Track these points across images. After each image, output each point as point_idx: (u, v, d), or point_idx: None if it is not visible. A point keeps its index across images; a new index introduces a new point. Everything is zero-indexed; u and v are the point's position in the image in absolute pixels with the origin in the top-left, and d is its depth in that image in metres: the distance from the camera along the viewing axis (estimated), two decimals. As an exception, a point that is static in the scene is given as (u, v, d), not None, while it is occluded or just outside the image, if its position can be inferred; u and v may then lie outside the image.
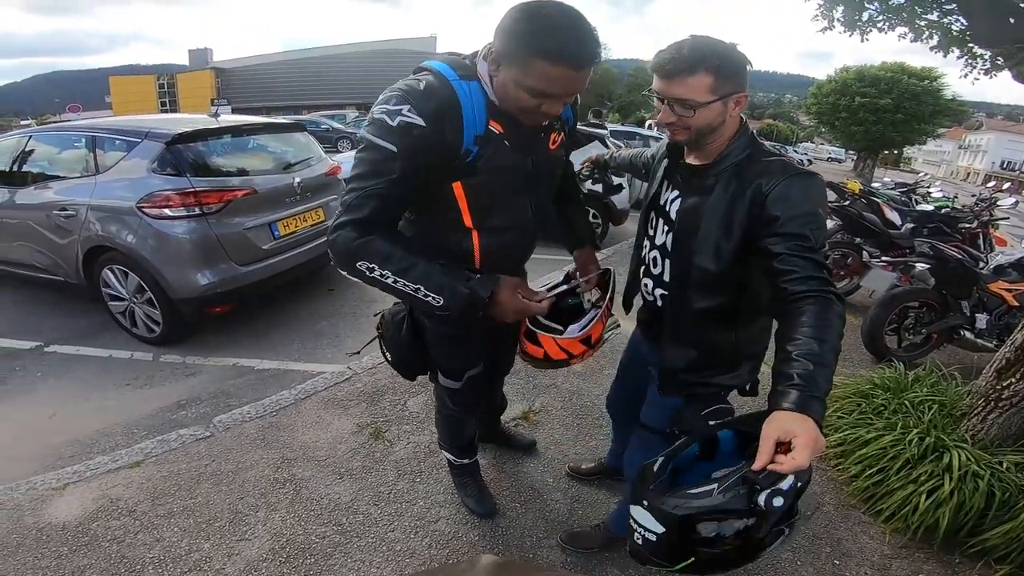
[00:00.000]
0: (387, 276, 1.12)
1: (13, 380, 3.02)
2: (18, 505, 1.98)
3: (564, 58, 1.00)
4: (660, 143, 1.43)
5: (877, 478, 2.12)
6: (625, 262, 5.37)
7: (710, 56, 1.07)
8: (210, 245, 3.09)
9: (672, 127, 1.17)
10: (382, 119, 1.07)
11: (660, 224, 1.33)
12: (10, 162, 3.78)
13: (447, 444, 1.96)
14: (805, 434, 0.82)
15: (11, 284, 4.26)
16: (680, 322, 1.31)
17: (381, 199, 1.10)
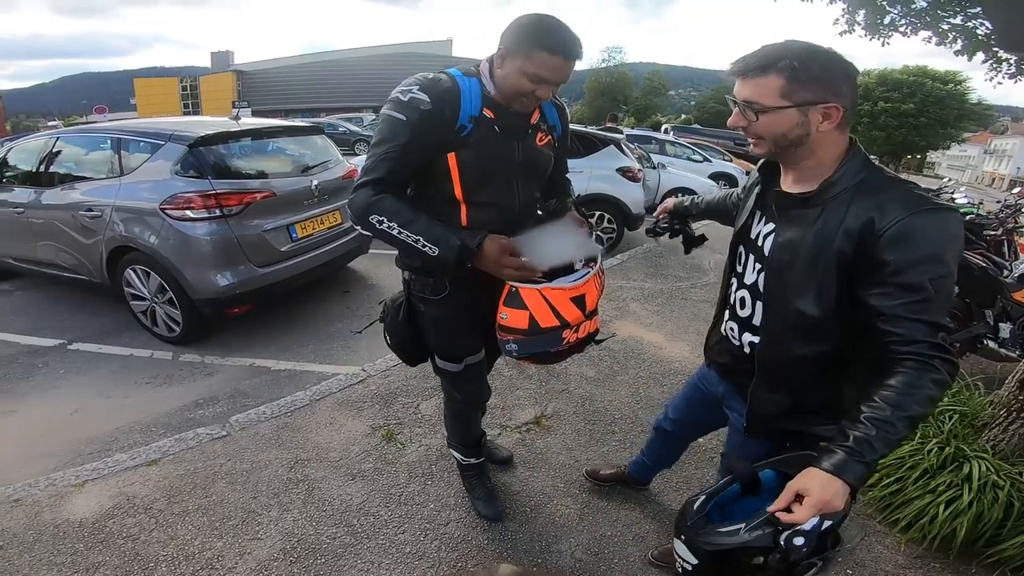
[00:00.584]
0: (393, 228, 1.31)
1: (37, 377, 3.10)
2: (37, 501, 2.01)
3: (560, 50, 1.26)
4: (752, 174, 1.29)
5: (894, 487, 2.09)
6: (640, 268, 5.40)
7: (786, 57, 0.96)
8: (230, 246, 3.14)
9: (747, 134, 1.07)
10: (397, 97, 1.32)
11: (750, 260, 1.20)
12: (37, 162, 3.88)
13: (455, 441, 1.99)
14: (818, 495, 0.86)
15: (36, 283, 4.39)
16: (774, 370, 1.16)
17: (393, 161, 1.32)
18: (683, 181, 8.93)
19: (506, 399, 2.74)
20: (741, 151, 16.39)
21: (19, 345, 3.47)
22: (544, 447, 2.41)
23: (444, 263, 1.32)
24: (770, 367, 1.17)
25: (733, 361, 1.31)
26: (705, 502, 1.04)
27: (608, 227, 5.89)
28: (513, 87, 1.32)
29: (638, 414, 2.70)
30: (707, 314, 4.00)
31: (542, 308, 1.31)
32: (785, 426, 1.19)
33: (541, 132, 1.51)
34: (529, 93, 1.31)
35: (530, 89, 1.30)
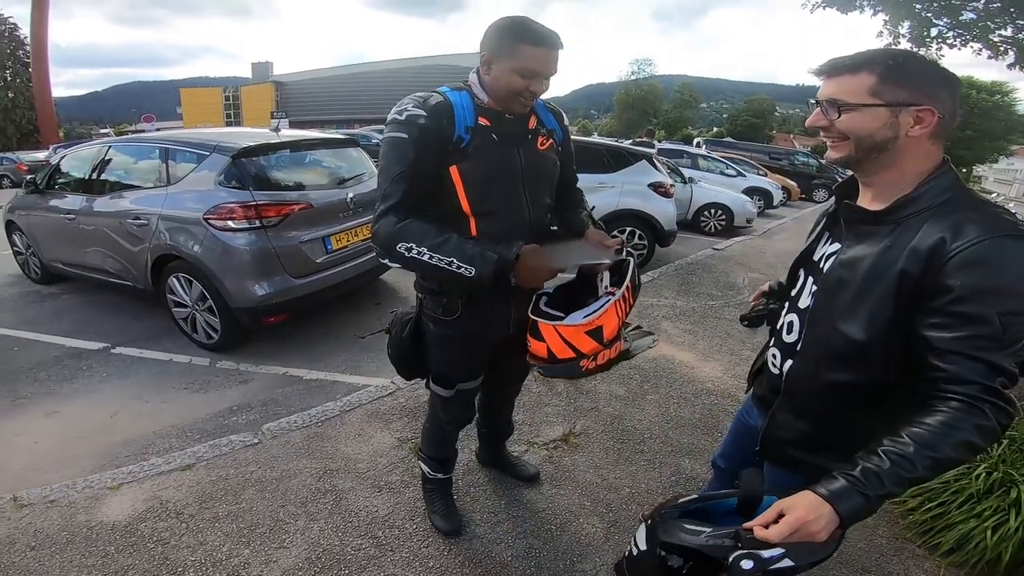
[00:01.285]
0: (424, 253, 1.30)
1: (80, 379, 3.21)
2: (73, 503, 2.06)
3: (544, 41, 1.29)
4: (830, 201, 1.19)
5: (937, 511, 2.03)
6: (672, 285, 5.33)
7: (883, 58, 0.90)
8: (268, 257, 3.21)
9: (827, 136, 0.98)
10: (394, 118, 1.35)
11: (808, 283, 1.11)
12: (90, 170, 4.05)
13: (427, 454, 1.96)
14: (799, 515, 0.80)
15: (82, 287, 4.57)
16: (801, 394, 1.08)
17: (407, 180, 1.33)
18: (716, 197, 8.80)
19: (534, 416, 2.71)
20: (776, 166, 16.09)
21: (64, 347, 3.61)
22: (571, 465, 2.38)
23: (481, 281, 1.30)
24: (797, 390, 1.09)
25: (770, 393, 1.21)
26: (693, 501, 1.01)
27: (639, 243, 5.83)
28: (506, 87, 1.33)
29: (668, 434, 2.64)
30: (741, 334, 3.90)
31: (557, 342, 1.34)
32: (798, 455, 1.11)
33: (541, 136, 1.51)
34: (523, 89, 1.32)
35: (523, 85, 1.32)
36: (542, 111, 1.54)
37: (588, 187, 6.34)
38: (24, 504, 2.03)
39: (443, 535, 1.95)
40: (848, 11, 8.54)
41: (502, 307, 1.57)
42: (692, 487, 2.26)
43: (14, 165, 17.40)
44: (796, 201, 14.43)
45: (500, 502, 2.13)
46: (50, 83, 26.94)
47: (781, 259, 6.64)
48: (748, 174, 12.01)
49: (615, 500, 2.18)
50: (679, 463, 2.43)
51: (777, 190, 12.22)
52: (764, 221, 10.06)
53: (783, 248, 7.41)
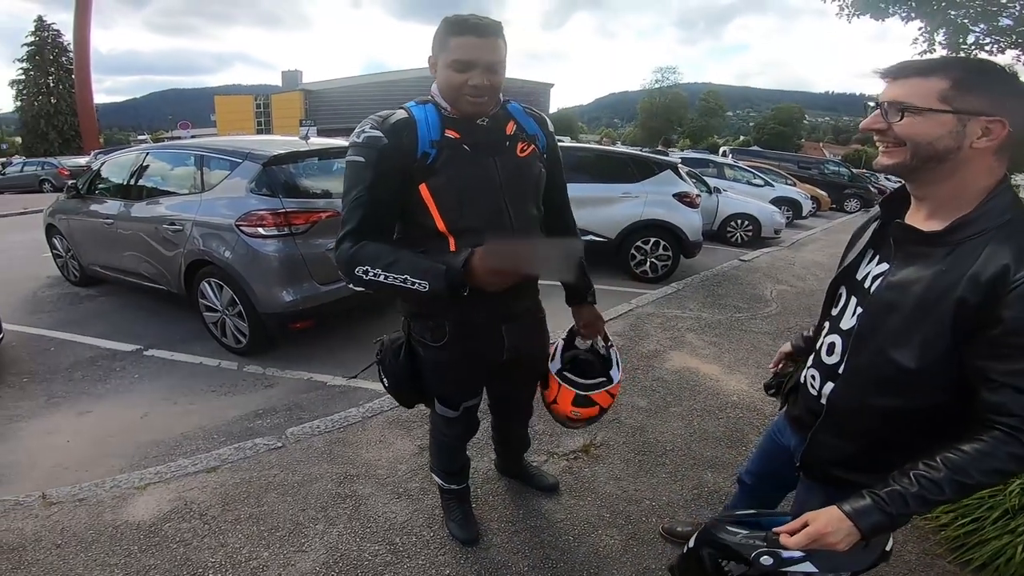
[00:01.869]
0: (379, 274, 1.25)
1: (113, 380, 3.31)
2: (100, 502, 2.10)
3: (468, 30, 1.24)
4: (874, 208, 1.15)
5: (970, 527, 1.98)
6: (697, 297, 5.28)
7: (960, 63, 0.88)
8: (296, 264, 3.26)
9: (881, 140, 0.93)
10: (353, 141, 1.31)
11: (851, 303, 1.06)
12: (128, 176, 4.19)
13: (438, 469, 1.96)
14: (819, 527, 0.87)
15: (117, 289, 4.73)
16: (844, 417, 1.05)
17: (364, 206, 1.29)
18: (742, 207, 8.67)
19: (555, 426, 2.67)
20: (806, 175, 15.76)
21: (99, 348, 3.73)
22: (591, 476, 2.35)
23: (439, 295, 1.22)
24: (840, 413, 1.05)
25: (807, 415, 1.17)
26: (749, 514, 1.08)
27: (663, 254, 5.76)
28: (447, 84, 1.29)
29: (691, 447, 2.59)
30: (768, 347, 3.82)
31: (606, 398, 1.63)
32: (841, 474, 1.08)
33: (521, 142, 1.43)
34: (463, 84, 1.27)
35: (462, 80, 1.26)
36: (521, 116, 1.46)
37: (612, 197, 6.30)
38: (53, 502, 2.09)
39: (460, 543, 1.94)
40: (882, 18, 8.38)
41: (494, 332, 1.52)
42: (715, 501, 2.21)
43: (56, 170, 17.97)
44: (826, 211, 14.11)
45: (518, 511, 2.12)
46: (92, 89, 27.97)
47: (810, 271, 6.49)
48: (776, 184, 11.79)
49: (635, 512, 2.15)
50: (702, 476, 2.38)
51: (806, 200, 11.97)
52: (793, 232, 9.86)
53: (812, 260, 7.24)
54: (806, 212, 11.80)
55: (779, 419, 1.41)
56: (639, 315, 4.38)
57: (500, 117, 1.40)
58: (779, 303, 4.97)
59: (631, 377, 3.26)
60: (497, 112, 1.40)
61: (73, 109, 34.61)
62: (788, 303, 5.00)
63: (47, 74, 40.96)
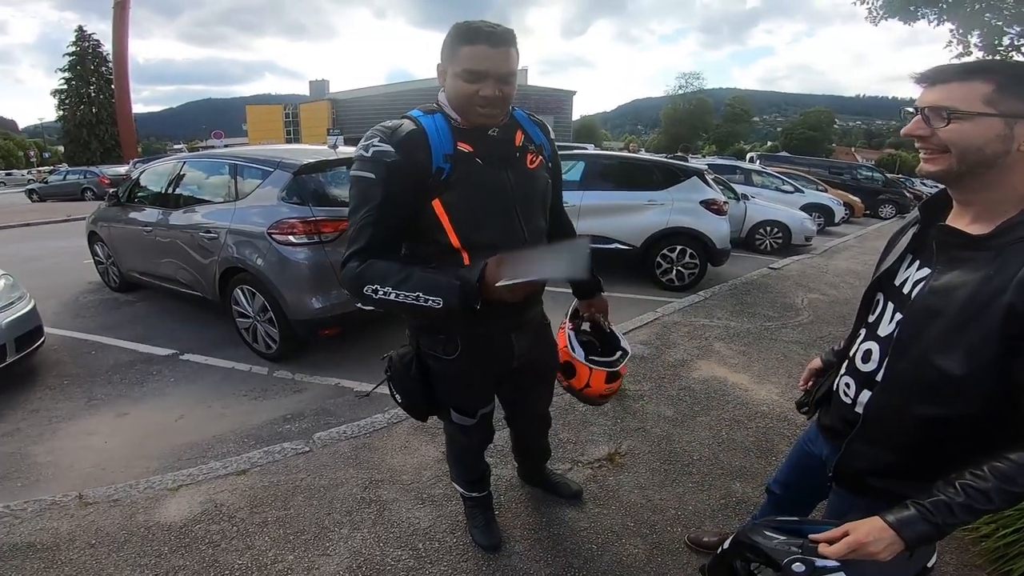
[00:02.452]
0: (390, 293, 1.21)
1: (151, 383, 3.42)
2: (134, 502, 2.16)
3: (481, 39, 1.18)
4: (912, 213, 1.12)
5: (1010, 539, 1.92)
6: (725, 305, 5.19)
7: (1001, 66, 0.86)
8: (324, 271, 3.31)
9: (924, 146, 0.91)
10: (360, 154, 1.25)
11: (889, 309, 1.04)
12: (166, 184, 4.33)
13: (458, 478, 1.96)
14: (859, 536, 0.87)
15: (154, 295, 4.89)
16: (882, 426, 1.02)
17: (373, 226, 1.24)
18: (771, 214, 8.50)
19: (579, 434, 2.67)
20: (838, 181, 15.37)
21: (137, 352, 3.85)
22: (616, 484, 2.32)
23: (453, 312, 1.19)
24: (878, 422, 1.02)
25: (841, 423, 1.14)
26: (790, 521, 1.06)
27: (690, 262, 5.68)
28: (456, 95, 1.25)
29: (719, 456, 2.54)
30: (799, 356, 3.73)
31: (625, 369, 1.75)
32: (877, 484, 1.05)
33: (531, 154, 1.40)
34: (473, 94, 1.21)
35: (472, 90, 1.21)
36: (527, 124, 1.43)
37: (637, 205, 6.27)
38: (89, 502, 2.15)
39: (483, 550, 1.94)
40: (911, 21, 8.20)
41: (504, 341, 1.51)
42: (743, 511, 2.17)
43: (97, 178, 18.63)
44: (860, 218, 13.71)
45: (541, 519, 2.10)
46: (131, 99, 28.87)
47: (844, 279, 6.31)
48: (806, 190, 11.53)
49: (659, 522, 2.11)
50: (730, 486, 2.33)
51: (839, 206, 11.67)
52: (825, 239, 9.62)
53: (846, 267, 7.05)
54: (839, 219, 11.50)
55: (810, 428, 1.38)
56: (665, 324, 4.33)
57: (508, 127, 1.37)
58: (811, 312, 4.84)
59: (657, 386, 3.22)
60: (506, 122, 1.36)
61: (113, 118, 35.48)
62: (821, 312, 4.87)
63: (88, 84, 42.20)
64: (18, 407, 3.11)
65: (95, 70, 42.31)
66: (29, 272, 5.79)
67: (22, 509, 2.11)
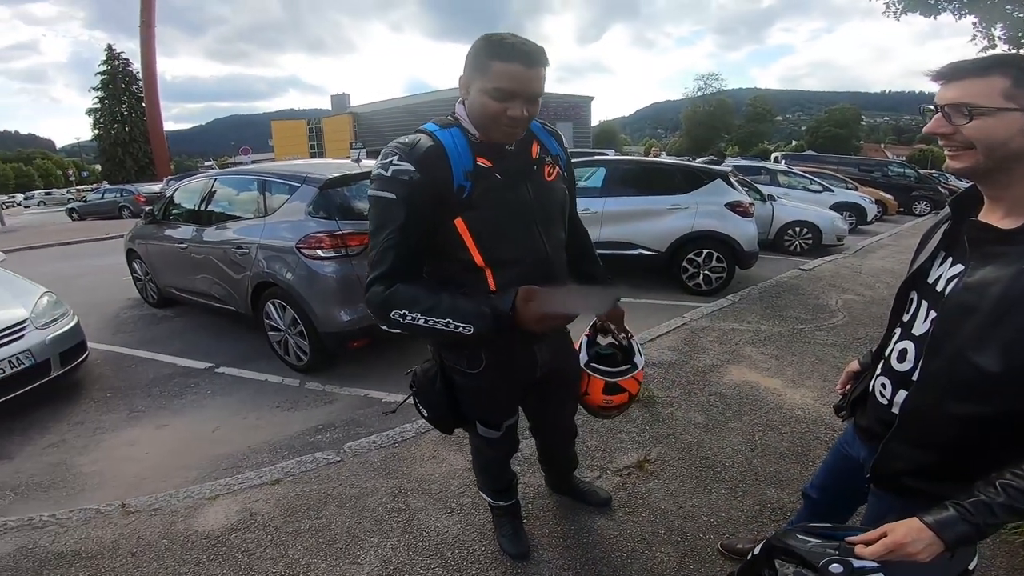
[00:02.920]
0: (418, 318, 1.19)
1: (189, 395, 3.52)
2: (174, 511, 2.22)
3: (516, 57, 1.13)
4: (944, 210, 1.11)
5: None
6: (755, 309, 5.09)
7: (1014, 60, 0.86)
8: (352, 284, 3.35)
9: (948, 144, 0.91)
10: (379, 173, 1.21)
11: (923, 308, 1.03)
12: (198, 201, 4.47)
13: (485, 488, 1.96)
14: (898, 538, 0.87)
15: (190, 310, 5.04)
16: (919, 425, 1.01)
17: (396, 248, 1.20)
18: (800, 214, 8.33)
19: (607, 442, 2.64)
20: (868, 178, 14.96)
21: (176, 366, 3.98)
22: (646, 492, 2.29)
23: (482, 338, 1.19)
24: (915, 422, 1.01)
25: (877, 424, 1.12)
26: (824, 527, 1.05)
27: (717, 266, 5.59)
28: (482, 113, 1.20)
29: (752, 462, 2.48)
30: (835, 359, 3.63)
31: (634, 384, 1.67)
32: (915, 484, 1.04)
33: (547, 165, 1.38)
34: (500, 114, 1.17)
35: (499, 109, 1.16)
36: (542, 134, 1.41)
37: (660, 210, 6.21)
38: (131, 511, 2.22)
39: (511, 558, 1.93)
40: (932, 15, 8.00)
41: (526, 352, 1.50)
42: (779, 517, 2.11)
43: (133, 196, 19.10)
44: (893, 215, 13.33)
45: (570, 527, 2.09)
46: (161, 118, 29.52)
47: (879, 278, 6.12)
48: (836, 189, 11.25)
49: (691, 529, 2.08)
50: (764, 492, 2.28)
51: (871, 204, 11.34)
52: (857, 238, 9.35)
53: (881, 267, 6.84)
54: (871, 217, 11.18)
55: (847, 431, 1.36)
56: (693, 329, 4.26)
57: (524, 139, 1.33)
58: (846, 313, 4.71)
59: (686, 392, 3.17)
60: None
61: (146, 136, 36.38)
62: (856, 313, 4.73)
63: (120, 102, 43.31)
64: (64, 419, 3.24)
65: (126, 88, 43.39)
66: (72, 289, 6.05)
67: (68, 518, 2.19)
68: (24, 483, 2.62)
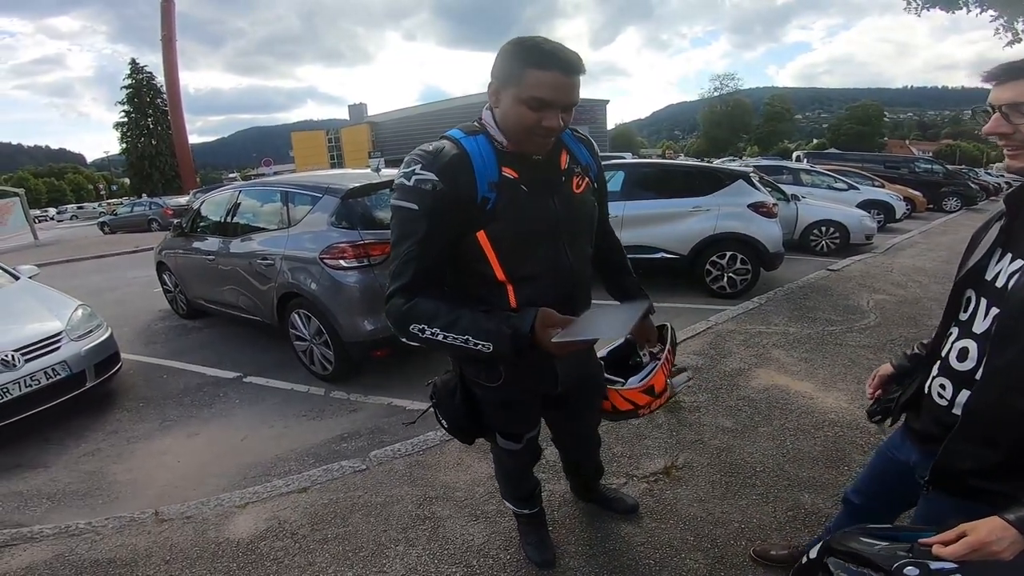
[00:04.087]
0: (437, 334, 1.16)
1: (218, 405, 3.58)
2: (205, 519, 2.25)
3: (554, 65, 1.08)
4: (996, 207, 1.11)
5: None
6: (782, 311, 4.98)
7: None
8: (375, 294, 3.36)
9: (1008, 144, 0.93)
10: (401, 182, 1.17)
11: (982, 305, 1.03)
12: (224, 214, 4.55)
13: (508, 496, 1.94)
14: (980, 536, 0.85)
15: (218, 320, 5.14)
16: (985, 423, 0.99)
17: (418, 260, 1.17)
18: (826, 213, 8.16)
19: (633, 448, 2.60)
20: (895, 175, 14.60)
21: (205, 376, 4.06)
22: (673, 498, 2.25)
23: (501, 356, 1.16)
24: (980, 421, 0.99)
25: (935, 427, 1.10)
26: (882, 529, 1.03)
27: (741, 268, 5.49)
28: (516, 123, 1.14)
29: (784, 467, 2.42)
30: (869, 361, 3.53)
31: (620, 401, 1.61)
32: (981, 484, 1.01)
33: (576, 177, 1.32)
34: (535, 124, 1.12)
35: (534, 119, 1.11)
36: (572, 143, 1.35)
37: (682, 212, 6.13)
38: (164, 519, 2.26)
39: (536, 566, 1.92)
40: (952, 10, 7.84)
41: (547, 366, 1.45)
42: (813, 523, 2.06)
43: (161, 209, 19.44)
44: (923, 212, 12.98)
45: (596, 534, 2.06)
46: (186, 131, 29.73)
47: (911, 277, 5.95)
48: (862, 186, 10.99)
49: (721, 535, 2.03)
50: (798, 497, 2.22)
51: (899, 202, 11.05)
52: (886, 236, 9.11)
53: (912, 265, 6.65)
54: (900, 215, 10.89)
55: (894, 435, 1.33)
56: (718, 332, 4.19)
57: (553, 149, 1.28)
58: (878, 314, 4.57)
59: (713, 397, 3.11)
60: None
61: (171, 150, 36.91)
62: (889, 313, 4.59)
63: (146, 116, 43.95)
64: (99, 428, 3.33)
65: (151, 102, 44.02)
66: (104, 302, 6.23)
67: (103, 525, 2.24)
68: (60, 491, 2.69)
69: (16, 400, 3.08)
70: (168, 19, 27.33)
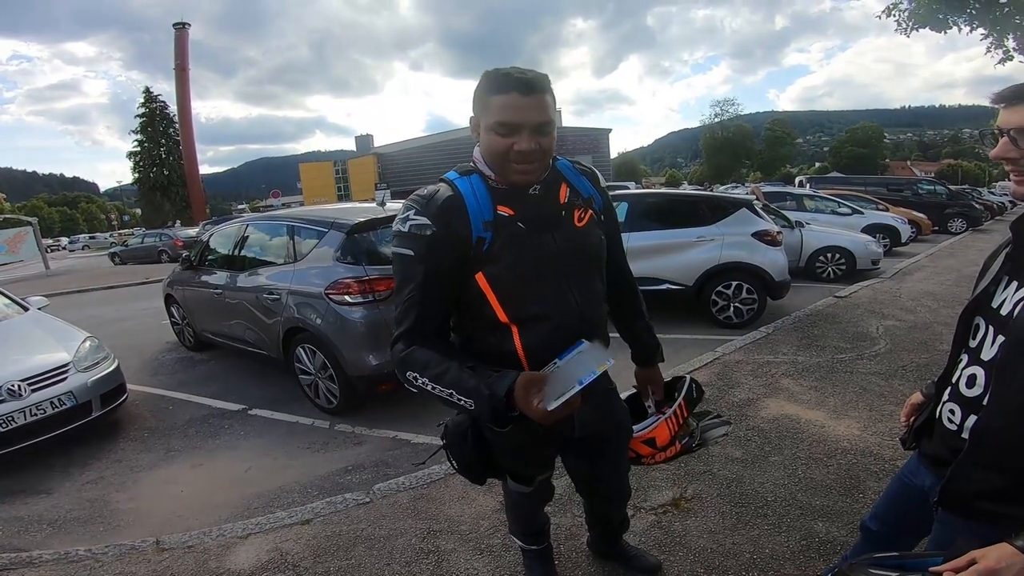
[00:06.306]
0: (427, 384, 1.15)
1: (223, 436, 3.58)
2: (207, 549, 2.24)
3: (510, 87, 1.09)
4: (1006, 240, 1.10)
5: None
6: (790, 339, 4.94)
7: None
8: (380, 328, 3.35)
9: (1014, 169, 0.93)
10: (398, 229, 1.18)
11: (989, 332, 1.02)
12: (232, 247, 4.61)
13: (517, 531, 1.90)
14: (990, 563, 0.82)
15: (224, 353, 5.16)
16: (992, 448, 0.99)
17: (417, 306, 1.17)
18: (831, 239, 8.15)
19: (640, 479, 2.55)
20: (898, 198, 14.62)
21: (211, 407, 4.06)
22: (682, 530, 2.21)
23: (482, 417, 1.13)
24: (986, 444, 0.99)
25: (946, 451, 1.10)
26: (891, 557, 1.00)
27: (747, 298, 5.46)
28: (491, 152, 1.15)
29: (796, 496, 2.38)
30: (880, 388, 3.49)
31: None
32: (988, 507, 1.00)
33: (578, 210, 1.28)
34: (507, 150, 1.12)
35: (506, 144, 1.11)
36: (572, 175, 1.32)
37: (686, 243, 6.12)
38: (165, 548, 2.25)
39: None
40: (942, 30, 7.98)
41: None
42: (828, 551, 2.01)
43: (171, 241, 19.62)
44: (928, 235, 12.95)
45: (603, 568, 2.02)
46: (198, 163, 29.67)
47: (920, 302, 5.91)
48: (866, 210, 11.01)
49: (733, 566, 1.98)
50: (811, 526, 2.18)
51: (904, 225, 11.05)
52: (893, 261, 9.08)
53: (921, 289, 6.61)
54: (905, 238, 10.88)
55: (910, 460, 1.32)
56: (726, 363, 4.15)
57: (551, 182, 1.25)
58: (888, 340, 4.53)
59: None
60: (547, 176, 1.24)
61: (183, 180, 36.86)
62: (899, 339, 4.54)
63: (159, 145, 43.26)
64: (103, 457, 3.34)
65: (163, 131, 43.48)
66: (112, 333, 6.26)
67: (103, 553, 2.23)
68: (62, 517, 2.69)
69: (21, 428, 3.12)
70: (182, 48, 27.61)
